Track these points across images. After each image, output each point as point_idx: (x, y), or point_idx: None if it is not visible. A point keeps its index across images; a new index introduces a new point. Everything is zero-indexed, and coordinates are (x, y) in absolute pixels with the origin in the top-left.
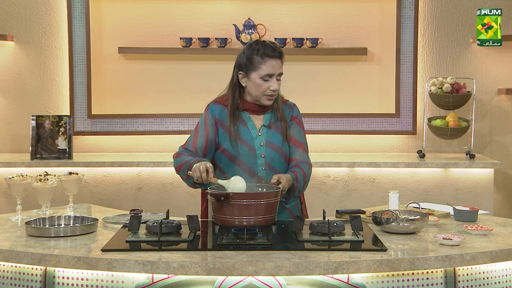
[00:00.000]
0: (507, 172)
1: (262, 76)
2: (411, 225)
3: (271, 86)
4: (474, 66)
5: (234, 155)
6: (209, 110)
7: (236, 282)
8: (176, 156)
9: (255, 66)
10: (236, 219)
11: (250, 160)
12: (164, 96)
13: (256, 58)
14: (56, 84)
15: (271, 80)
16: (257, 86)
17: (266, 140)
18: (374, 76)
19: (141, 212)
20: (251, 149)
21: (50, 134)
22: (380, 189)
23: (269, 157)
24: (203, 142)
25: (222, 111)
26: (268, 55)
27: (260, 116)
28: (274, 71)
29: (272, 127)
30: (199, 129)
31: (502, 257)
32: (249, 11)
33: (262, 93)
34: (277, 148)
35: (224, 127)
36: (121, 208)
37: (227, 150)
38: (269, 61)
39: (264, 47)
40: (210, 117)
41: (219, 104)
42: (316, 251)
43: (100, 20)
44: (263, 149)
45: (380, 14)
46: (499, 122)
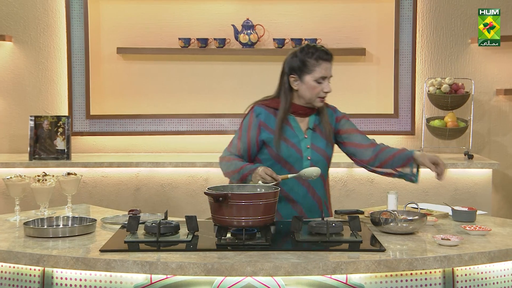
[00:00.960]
0: (506, 172)
1: (317, 78)
2: (410, 226)
3: (324, 88)
4: (473, 67)
5: (281, 156)
6: (254, 113)
7: (234, 283)
8: (221, 159)
9: (310, 68)
10: (234, 220)
11: (296, 162)
12: (163, 97)
13: (310, 61)
14: (54, 85)
15: (324, 82)
16: (311, 89)
17: (311, 143)
18: (372, 77)
19: (139, 212)
20: (297, 151)
21: (48, 135)
22: (379, 190)
23: (315, 159)
24: (246, 145)
25: (267, 114)
26: (322, 58)
27: (305, 118)
28: (327, 73)
29: (316, 130)
30: (243, 130)
31: (501, 257)
32: (248, 12)
33: (316, 95)
34: (321, 151)
35: (269, 130)
36: (120, 209)
37: (274, 151)
38: (323, 63)
39: (318, 51)
40: (255, 119)
41: (264, 107)
42: (314, 252)
43: (99, 21)
44: (309, 152)
45: (379, 14)
46: (497, 123)
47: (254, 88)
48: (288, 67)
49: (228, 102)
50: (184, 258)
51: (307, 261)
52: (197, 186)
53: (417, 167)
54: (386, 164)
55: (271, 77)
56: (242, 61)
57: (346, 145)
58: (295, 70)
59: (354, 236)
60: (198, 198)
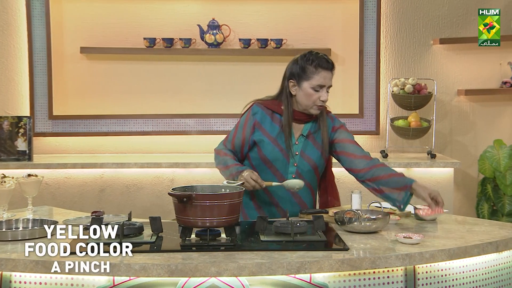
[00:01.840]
0: (467, 171)
1: (314, 86)
2: (373, 225)
3: (321, 97)
4: (435, 68)
5: (269, 158)
6: (252, 111)
7: (198, 284)
8: (217, 152)
9: (308, 75)
10: (199, 220)
11: (282, 166)
12: (128, 97)
13: (309, 68)
14: (15, 84)
15: (321, 90)
16: (308, 96)
17: (302, 150)
18: (338, 77)
19: (102, 214)
20: (285, 155)
21: (9, 135)
22: (344, 189)
23: (301, 167)
24: (240, 141)
25: (263, 114)
26: (322, 66)
27: (300, 125)
28: (326, 82)
29: (309, 138)
30: (239, 127)
31: (460, 254)
32: (214, 12)
33: (312, 103)
34: (310, 161)
35: (262, 130)
36: (84, 210)
37: (263, 152)
38: (322, 72)
39: (319, 58)
40: (251, 118)
41: (262, 107)
42: (279, 251)
43: (61, 19)
44: (297, 158)
45: (344, 15)
46: (458, 123)
47: (220, 88)
48: (289, 72)
49: (193, 102)
50: (147, 260)
51: (271, 261)
52: (163, 187)
53: (411, 197)
54: (378, 181)
55: (237, 77)
56: (208, 61)
57: (340, 154)
58: (295, 75)
59: (318, 235)
60: (164, 199)
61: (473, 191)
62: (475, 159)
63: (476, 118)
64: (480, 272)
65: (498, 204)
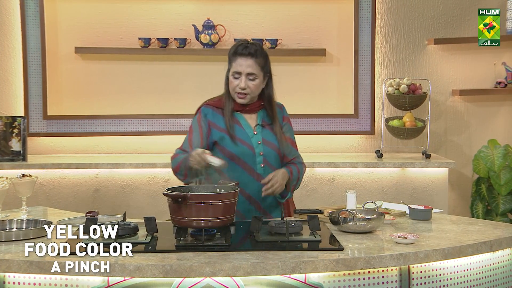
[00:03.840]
0: (461, 171)
1: (233, 73)
2: (368, 224)
3: (239, 84)
4: (430, 68)
5: (234, 154)
6: (202, 113)
7: (193, 284)
8: (172, 158)
9: (230, 63)
10: (194, 220)
11: (249, 159)
12: (123, 97)
13: (230, 56)
14: (9, 84)
15: (240, 78)
16: (230, 84)
17: (263, 138)
18: (333, 77)
19: (97, 214)
20: (249, 147)
21: (3, 136)
22: (339, 189)
23: (267, 155)
24: (198, 141)
25: (214, 114)
26: (238, 53)
27: (252, 115)
28: (242, 69)
29: (266, 126)
30: (193, 129)
31: (454, 254)
32: (209, 12)
33: (233, 90)
34: (273, 146)
35: (217, 128)
36: (79, 211)
37: (226, 149)
38: (238, 59)
39: (238, 46)
40: (203, 119)
41: (210, 107)
42: (273, 251)
43: (56, 19)
44: (261, 147)
45: (339, 15)
46: (453, 122)
47: (215, 88)
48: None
49: (188, 102)
50: (142, 260)
51: (266, 261)
52: (157, 187)
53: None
54: None
55: None
56: (203, 61)
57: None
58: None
59: (313, 235)
60: (159, 199)
61: (467, 191)
62: (469, 159)
63: (471, 118)
64: (474, 271)
65: (493, 204)
